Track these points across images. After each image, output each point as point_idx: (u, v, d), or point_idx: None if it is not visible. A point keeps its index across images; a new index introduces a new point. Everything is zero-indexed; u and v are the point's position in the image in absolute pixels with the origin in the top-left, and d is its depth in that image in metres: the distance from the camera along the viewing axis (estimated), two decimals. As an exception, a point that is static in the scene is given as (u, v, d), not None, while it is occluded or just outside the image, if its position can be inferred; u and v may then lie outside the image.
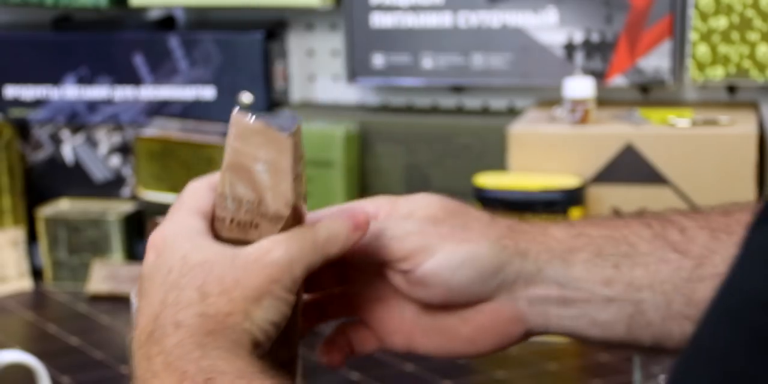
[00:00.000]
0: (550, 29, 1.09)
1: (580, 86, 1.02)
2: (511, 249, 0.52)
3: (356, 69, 1.15)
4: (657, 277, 0.52)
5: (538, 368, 0.92)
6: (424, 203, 0.54)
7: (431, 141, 1.11)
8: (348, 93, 1.22)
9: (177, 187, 1.15)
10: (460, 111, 1.17)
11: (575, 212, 0.99)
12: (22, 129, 1.21)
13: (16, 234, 1.18)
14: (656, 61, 1.07)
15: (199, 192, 0.51)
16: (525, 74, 1.11)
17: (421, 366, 0.93)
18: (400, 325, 0.54)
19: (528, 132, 1.03)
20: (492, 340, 0.54)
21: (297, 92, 1.24)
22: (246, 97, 1.17)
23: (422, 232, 0.52)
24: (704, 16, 1.03)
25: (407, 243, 0.52)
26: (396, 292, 0.54)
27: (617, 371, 0.90)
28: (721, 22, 1.03)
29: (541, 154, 1.02)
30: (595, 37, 1.08)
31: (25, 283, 1.17)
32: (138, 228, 1.19)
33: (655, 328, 0.53)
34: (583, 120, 1.02)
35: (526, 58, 1.10)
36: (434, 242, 0.52)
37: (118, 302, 1.12)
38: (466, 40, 1.12)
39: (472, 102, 1.19)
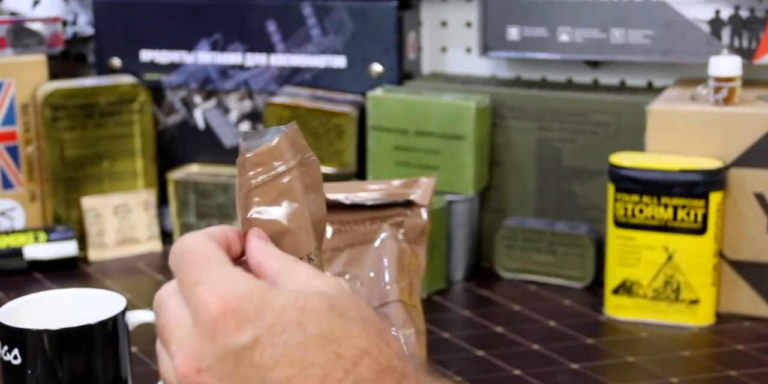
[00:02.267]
0: (696, 3, 1.05)
1: (727, 64, 0.98)
2: None
3: (490, 41, 1.13)
4: None
5: (670, 354, 0.90)
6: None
7: (564, 117, 1.08)
8: (480, 66, 1.20)
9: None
10: (596, 87, 1.14)
11: (715, 197, 0.95)
12: (156, 93, 1.23)
13: (148, 197, 1.20)
14: (809, 40, 1.01)
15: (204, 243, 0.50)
16: (666, 51, 1.07)
17: (548, 347, 0.91)
18: None
19: (668, 111, 0.99)
20: None
21: (428, 64, 1.22)
22: (376, 68, 1.16)
23: None
24: None
25: None
26: None
27: (755, 362, 0.87)
28: None
29: (681, 135, 0.98)
30: (744, 13, 1.04)
31: (155, 245, 1.19)
32: (265, 195, 1.20)
33: None
34: (728, 100, 0.98)
35: (668, 34, 1.07)
36: None
37: (244, 268, 1.13)
38: (606, 13, 1.08)
39: (608, 78, 1.15)
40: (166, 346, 0.49)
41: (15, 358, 0.71)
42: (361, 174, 1.14)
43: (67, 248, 1.13)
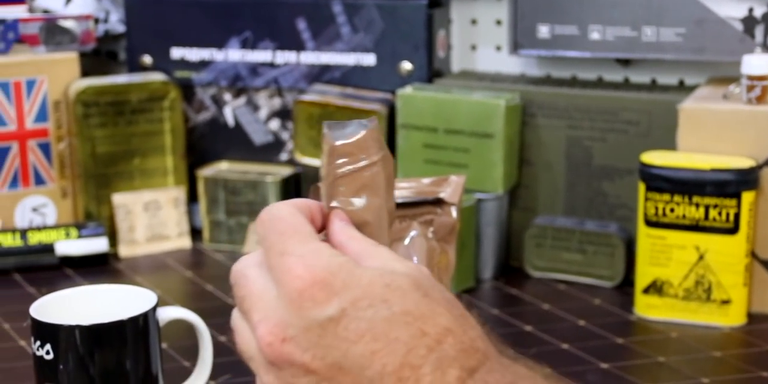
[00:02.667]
0: (729, 1, 1.04)
1: (760, 62, 0.97)
2: None
3: (520, 39, 1.13)
4: None
5: (701, 355, 0.89)
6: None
7: (595, 115, 1.08)
8: (510, 64, 1.19)
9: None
10: (626, 85, 1.13)
11: (748, 196, 0.95)
12: (186, 90, 1.24)
13: (178, 194, 1.20)
14: (844, 38, 1.00)
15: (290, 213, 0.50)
16: (699, 49, 1.06)
17: (578, 346, 0.91)
18: None
19: (700, 109, 0.98)
20: None
21: (458, 62, 1.22)
22: (406, 66, 1.16)
23: None
24: None
25: None
26: None
27: (786, 363, 0.86)
28: None
29: (713, 134, 0.97)
30: (778, 12, 1.03)
31: (185, 242, 1.20)
32: (295, 192, 1.20)
33: None
34: (761, 99, 0.97)
35: (700, 32, 1.06)
36: None
37: (273, 265, 1.13)
38: (637, 11, 1.08)
39: (639, 76, 1.15)
40: (248, 316, 0.48)
41: (47, 353, 0.72)
42: (390, 172, 1.14)
43: (98, 244, 1.13)
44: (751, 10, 1.04)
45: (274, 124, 1.23)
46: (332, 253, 0.48)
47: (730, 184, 0.94)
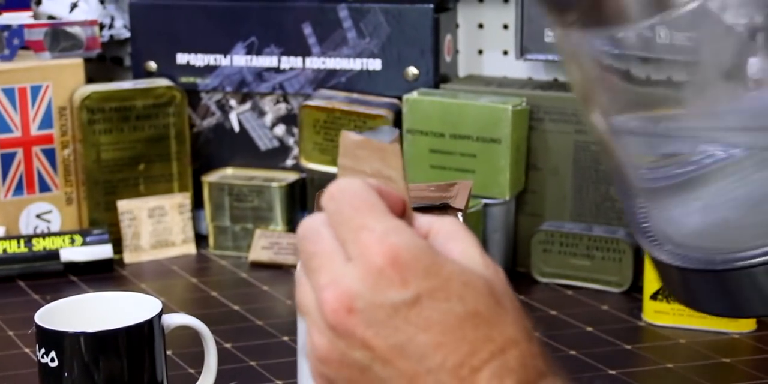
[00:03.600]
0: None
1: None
2: None
3: (527, 44, 1.12)
4: None
5: (710, 361, 0.89)
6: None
7: (602, 120, 1.07)
8: (517, 68, 1.19)
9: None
10: (633, 90, 1.13)
11: (757, 200, 0.94)
12: (192, 96, 1.23)
13: (183, 200, 1.20)
14: None
15: (360, 190, 0.48)
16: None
17: (585, 353, 0.90)
18: None
19: (708, 113, 0.98)
20: None
21: (464, 66, 1.21)
22: (412, 70, 1.15)
23: None
24: None
25: None
26: None
27: (797, 369, 0.86)
28: None
29: (722, 138, 0.97)
30: (786, 15, 1.02)
31: (190, 249, 1.20)
32: (301, 198, 1.20)
33: None
34: None
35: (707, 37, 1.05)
36: None
37: (278, 271, 1.13)
38: (645, 15, 1.07)
39: (646, 81, 1.14)
40: (314, 274, 0.47)
41: (52, 360, 0.71)
42: (396, 177, 1.13)
43: (103, 251, 1.13)
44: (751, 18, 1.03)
45: (280, 129, 1.23)
46: (413, 233, 0.47)
47: (739, 189, 0.94)
